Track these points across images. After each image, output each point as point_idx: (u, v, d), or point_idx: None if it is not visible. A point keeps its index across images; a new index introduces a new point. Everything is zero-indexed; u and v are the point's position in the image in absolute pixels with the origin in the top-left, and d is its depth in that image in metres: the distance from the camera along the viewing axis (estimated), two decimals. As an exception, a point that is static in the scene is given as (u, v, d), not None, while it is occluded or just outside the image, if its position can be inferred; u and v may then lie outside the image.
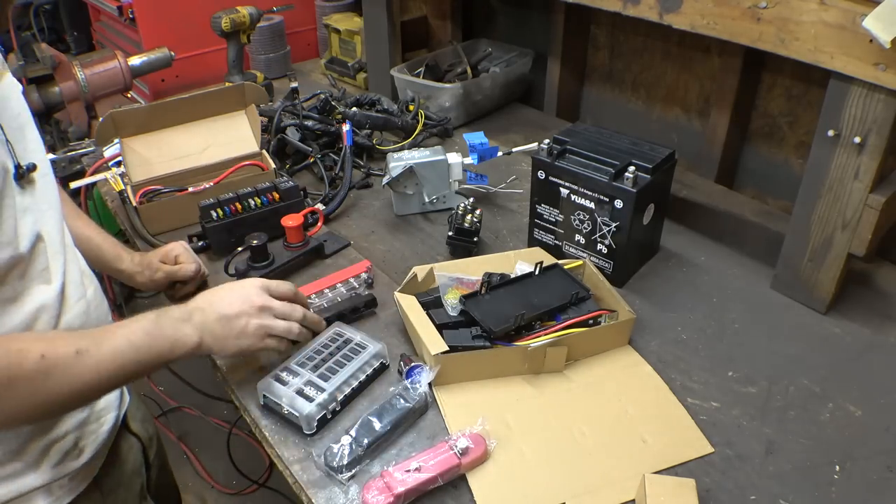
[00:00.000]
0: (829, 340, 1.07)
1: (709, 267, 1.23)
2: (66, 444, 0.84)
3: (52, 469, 0.82)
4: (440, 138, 1.69)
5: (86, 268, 0.91)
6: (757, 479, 0.85)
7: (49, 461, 0.82)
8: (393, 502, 0.80)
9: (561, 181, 1.16)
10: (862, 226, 1.02)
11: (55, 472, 0.83)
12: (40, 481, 0.81)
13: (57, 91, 1.66)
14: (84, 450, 0.86)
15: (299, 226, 1.21)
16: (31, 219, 0.77)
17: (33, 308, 0.77)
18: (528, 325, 1.02)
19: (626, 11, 1.16)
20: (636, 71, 1.67)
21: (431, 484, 0.82)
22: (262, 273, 1.16)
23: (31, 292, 0.77)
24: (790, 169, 1.44)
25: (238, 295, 0.90)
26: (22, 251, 0.75)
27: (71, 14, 2.30)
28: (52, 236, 0.81)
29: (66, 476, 0.84)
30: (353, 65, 2.02)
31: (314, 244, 1.25)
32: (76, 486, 0.86)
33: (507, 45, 1.88)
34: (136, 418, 1.06)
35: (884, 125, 0.93)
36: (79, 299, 0.85)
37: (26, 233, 0.76)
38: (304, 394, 0.92)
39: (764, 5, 0.97)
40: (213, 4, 1.81)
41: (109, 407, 0.92)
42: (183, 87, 1.94)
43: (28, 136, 0.81)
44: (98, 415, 0.89)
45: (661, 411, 0.94)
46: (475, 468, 0.86)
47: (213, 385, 1.96)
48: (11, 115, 0.79)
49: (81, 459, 0.86)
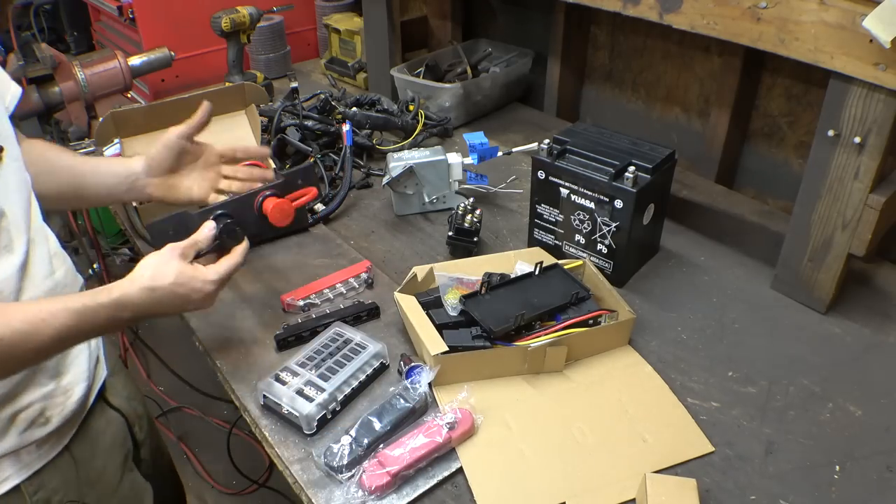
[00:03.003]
0: (829, 340, 1.07)
1: (709, 267, 1.23)
2: (31, 412, 0.85)
3: (19, 436, 0.84)
4: (440, 138, 1.68)
5: (57, 249, 0.92)
6: (757, 479, 0.85)
7: (16, 428, 0.83)
8: (390, 482, 0.82)
9: (561, 181, 1.16)
10: (862, 226, 1.02)
11: (21, 439, 0.84)
12: (7, 447, 0.83)
13: (57, 91, 1.66)
14: (51, 419, 0.87)
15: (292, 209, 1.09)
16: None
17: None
18: (528, 325, 1.02)
19: (626, 11, 1.16)
20: (636, 71, 1.67)
21: (425, 459, 0.85)
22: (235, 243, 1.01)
23: None
24: (790, 169, 1.44)
25: (171, 297, 0.86)
26: None
27: (71, 14, 2.29)
28: (16, 215, 0.82)
29: (33, 443, 0.86)
30: (353, 65, 2.02)
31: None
32: (45, 453, 0.88)
33: (507, 45, 1.88)
34: (120, 395, 1.07)
35: (884, 125, 0.93)
36: (45, 277, 0.86)
37: None
38: (304, 394, 0.92)
39: (764, 5, 0.97)
40: (213, 4, 1.81)
41: (77, 380, 0.92)
42: (183, 87, 1.94)
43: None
44: (64, 388, 0.90)
45: (662, 411, 0.94)
46: (465, 442, 0.89)
47: (213, 385, 1.96)
48: None
49: (48, 427, 0.87)
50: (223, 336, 1.09)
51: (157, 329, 2.44)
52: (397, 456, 0.84)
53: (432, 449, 0.85)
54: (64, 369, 0.90)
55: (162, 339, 2.34)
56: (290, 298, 1.12)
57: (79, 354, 0.93)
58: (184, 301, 0.88)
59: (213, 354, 1.06)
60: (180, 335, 1.34)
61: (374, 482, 0.82)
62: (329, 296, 1.15)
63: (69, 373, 0.91)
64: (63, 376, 0.90)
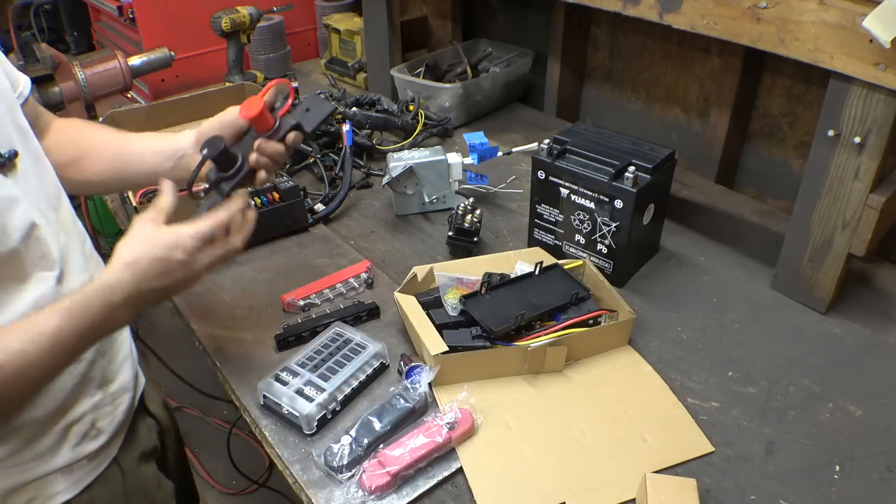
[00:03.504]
0: (829, 340, 1.07)
1: (709, 267, 1.23)
2: (83, 425, 0.84)
3: (72, 451, 0.83)
4: (440, 138, 1.68)
5: (92, 251, 0.90)
6: (757, 479, 0.85)
7: (68, 443, 0.82)
8: (390, 482, 0.82)
9: (561, 181, 1.16)
10: (862, 226, 1.02)
11: (75, 454, 0.83)
12: (60, 463, 0.81)
13: (57, 91, 1.66)
14: (102, 430, 0.86)
15: (261, 112, 0.88)
16: (21, 208, 0.74)
17: (34, 297, 0.76)
18: (528, 325, 1.02)
19: (626, 11, 1.16)
20: (636, 71, 1.67)
21: (425, 459, 0.85)
22: (235, 180, 0.89)
23: (31, 280, 0.76)
24: (790, 169, 1.44)
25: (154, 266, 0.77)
26: (14, 245, 0.73)
27: (71, 14, 2.29)
28: (48, 220, 0.79)
29: (85, 457, 0.84)
30: (353, 65, 2.02)
31: (290, 123, 0.91)
32: (96, 467, 0.87)
33: (507, 45, 1.88)
34: (155, 401, 1.06)
35: (884, 125, 0.93)
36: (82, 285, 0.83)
37: (18, 225, 0.73)
38: (304, 394, 0.92)
39: (764, 5, 0.97)
40: (213, 4, 1.81)
41: (124, 388, 0.91)
42: (183, 87, 1.94)
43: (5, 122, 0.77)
44: (113, 396, 0.89)
45: (662, 411, 0.94)
46: (465, 442, 0.89)
47: (213, 385, 1.96)
48: None
49: (100, 440, 0.86)
50: (223, 336, 1.09)
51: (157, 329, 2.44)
52: (397, 456, 0.84)
53: (432, 449, 0.85)
54: (111, 377, 0.89)
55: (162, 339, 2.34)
56: (290, 298, 1.12)
57: (123, 361, 0.92)
58: (168, 266, 0.78)
59: (213, 354, 1.06)
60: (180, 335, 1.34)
61: (374, 482, 0.82)
62: (329, 296, 1.15)
63: (116, 381, 0.89)
64: (110, 384, 0.88)
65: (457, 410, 0.89)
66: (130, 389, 0.93)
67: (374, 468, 0.83)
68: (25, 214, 0.75)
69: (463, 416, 0.89)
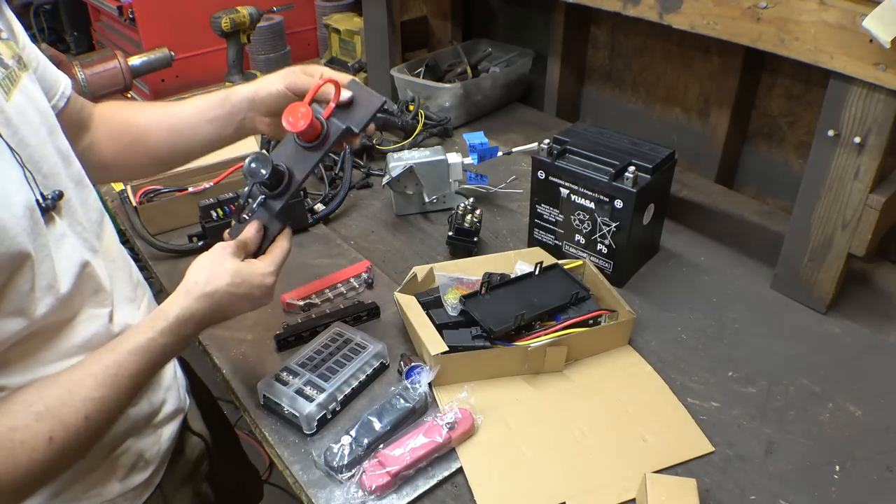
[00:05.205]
0: (829, 340, 1.07)
1: (709, 267, 1.23)
2: (129, 458, 0.82)
3: (120, 483, 0.81)
4: (440, 138, 1.68)
5: (139, 277, 0.88)
6: (757, 479, 0.85)
7: (115, 476, 0.80)
8: (390, 482, 0.82)
9: (561, 181, 1.16)
10: (862, 226, 1.02)
11: (123, 487, 0.81)
12: (109, 496, 0.80)
13: (57, 91, 1.66)
14: (150, 461, 0.85)
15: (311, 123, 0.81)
16: (69, 247, 0.70)
17: (86, 335, 0.73)
18: (528, 325, 1.02)
19: (626, 11, 1.16)
20: (636, 71, 1.67)
21: (425, 459, 0.85)
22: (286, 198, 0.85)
23: (82, 317, 0.73)
24: (790, 169, 1.44)
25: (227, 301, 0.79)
26: (65, 291, 0.68)
27: (71, 14, 2.29)
28: (95, 251, 0.75)
29: (131, 489, 0.83)
30: (353, 65, 2.02)
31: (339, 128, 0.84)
32: (139, 495, 0.84)
33: (507, 45, 1.88)
34: (196, 416, 1.03)
35: (884, 125, 0.93)
36: (132, 314, 0.82)
37: (68, 267, 0.69)
38: (304, 394, 0.92)
39: (764, 5, 0.97)
40: (213, 4, 1.81)
41: (168, 418, 0.89)
42: (183, 87, 1.94)
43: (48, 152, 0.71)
44: (157, 426, 0.87)
45: (662, 411, 0.94)
46: (465, 442, 0.89)
47: (213, 385, 1.96)
48: (31, 130, 0.69)
49: (147, 471, 0.84)
50: (223, 336, 1.09)
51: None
52: (397, 456, 0.84)
53: (432, 449, 0.85)
54: (157, 407, 0.86)
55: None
56: (291, 298, 1.12)
57: (168, 389, 0.90)
58: (244, 300, 0.80)
59: (213, 354, 1.06)
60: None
61: (374, 482, 0.82)
62: (329, 296, 1.15)
63: (162, 411, 0.88)
64: (156, 415, 0.86)
65: (457, 410, 0.89)
66: (175, 417, 0.91)
67: (374, 468, 0.83)
68: (75, 253, 0.71)
69: (463, 416, 0.89)
